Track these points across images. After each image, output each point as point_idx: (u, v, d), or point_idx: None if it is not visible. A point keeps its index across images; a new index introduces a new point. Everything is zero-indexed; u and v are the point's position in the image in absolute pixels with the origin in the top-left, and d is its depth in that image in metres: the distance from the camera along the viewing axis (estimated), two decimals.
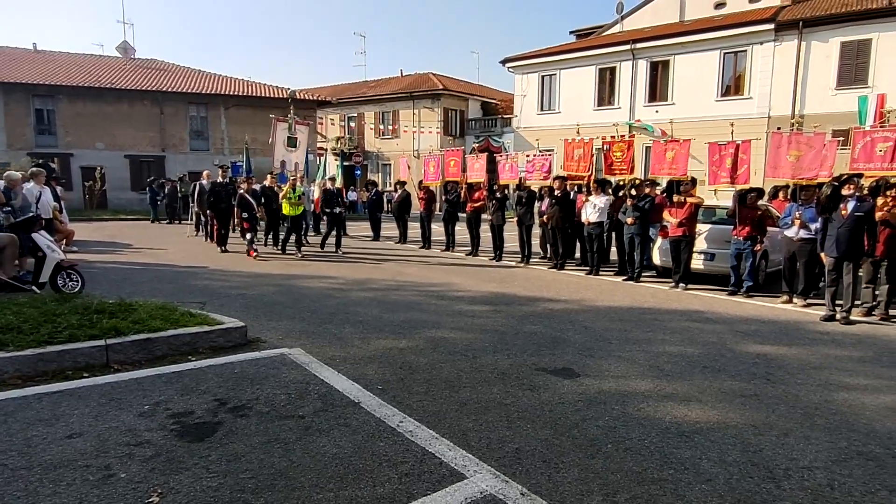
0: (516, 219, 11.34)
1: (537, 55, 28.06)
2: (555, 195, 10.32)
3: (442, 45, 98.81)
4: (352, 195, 25.00)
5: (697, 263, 8.86)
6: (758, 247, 8.00)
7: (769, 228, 8.28)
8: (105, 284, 7.54)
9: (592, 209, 9.68)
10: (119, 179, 24.67)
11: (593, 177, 10.98)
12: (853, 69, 19.98)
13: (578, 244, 10.99)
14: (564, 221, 10.32)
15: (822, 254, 6.83)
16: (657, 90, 24.50)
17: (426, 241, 13.59)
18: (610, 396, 3.97)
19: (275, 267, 9.93)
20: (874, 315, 6.89)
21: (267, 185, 12.44)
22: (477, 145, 29.31)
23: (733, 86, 22.77)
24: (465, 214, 12.54)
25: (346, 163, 29.99)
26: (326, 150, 29.15)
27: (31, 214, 7.19)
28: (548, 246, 11.27)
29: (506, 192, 12.16)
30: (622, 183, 10.44)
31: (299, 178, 12.42)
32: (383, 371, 4.41)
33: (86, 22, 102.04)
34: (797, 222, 7.35)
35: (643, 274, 9.35)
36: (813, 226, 7.17)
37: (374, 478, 2.77)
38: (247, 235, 11.18)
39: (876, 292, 7.02)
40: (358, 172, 31.80)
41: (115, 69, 26.91)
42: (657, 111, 24.02)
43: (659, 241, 9.34)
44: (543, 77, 27.82)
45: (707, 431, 3.42)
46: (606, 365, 4.70)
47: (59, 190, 11.35)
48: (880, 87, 18.01)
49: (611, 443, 3.23)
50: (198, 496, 2.56)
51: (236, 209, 11.47)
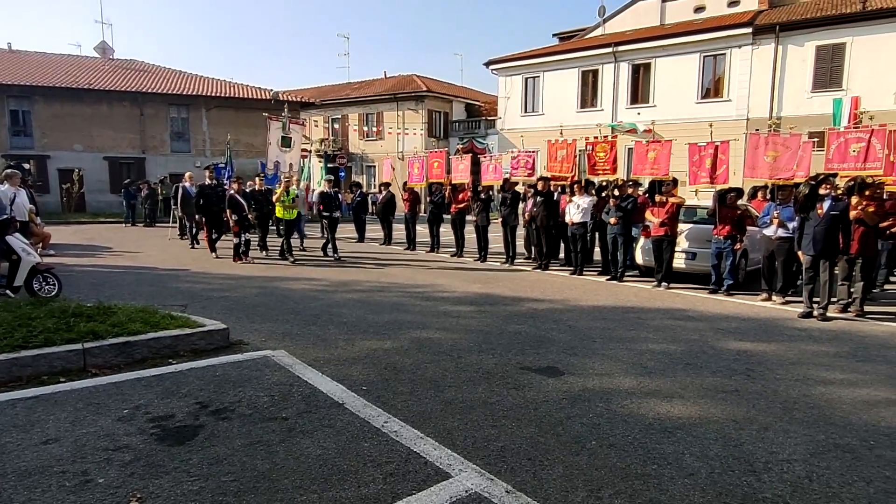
0: (501, 220, 11.37)
1: (521, 57, 28.23)
2: (538, 192, 10.38)
3: (426, 47, 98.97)
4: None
5: (679, 262, 8.98)
6: (737, 246, 8.13)
7: (748, 228, 8.42)
8: (83, 288, 7.39)
9: (576, 209, 9.75)
10: (98, 182, 24.22)
11: (577, 177, 11.06)
12: (828, 72, 20.44)
13: (563, 244, 11.07)
14: (548, 221, 10.39)
15: (800, 252, 6.96)
16: (639, 92, 24.80)
17: (411, 243, 13.56)
18: (594, 394, 4.00)
19: (258, 269, 9.83)
20: (850, 311, 7.04)
21: (256, 188, 11.90)
22: (461, 147, 29.37)
23: (713, 88, 23.14)
24: (450, 216, 12.54)
25: (331, 164, 29.86)
26: (310, 152, 28.97)
27: (6, 217, 7.01)
28: (532, 247, 11.33)
29: (490, 194, 12.20)
30: (605, 183, 10.54)
31: (293, 180, 11.95)
32: (368, 372, 4.39)
33: (62, 22, 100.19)
34: (775, 221, 7.49)
35: (626, 273, 9.44)
36: (791, 225, 7.30)
37: (359, 478, 2.75)
38: (234, 239, 10.64)
39: (851, 289, 7.18)
40: (342, 174, 31.65)
41: (94, 70, 26.44)
42: (639, 113, 24.30)
43: (641, 241, 9.44)
44: (527, 79, 27.99)
45: (689, 427, 3.46)
46: (590, 363, 4.74)
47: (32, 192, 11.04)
48: (854, 90, 18.46)
49: (595, 439, 3.26)
50: (178, 500, 2.52)
51: (227, 211, 10.78)
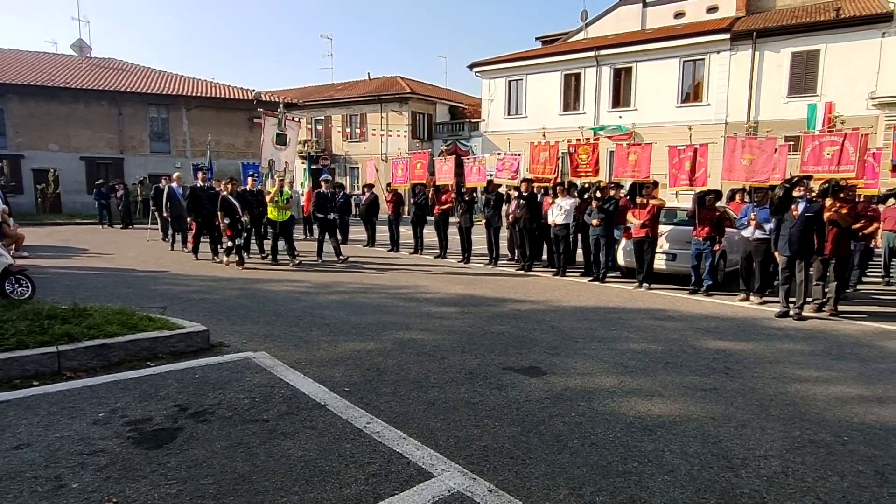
0: (484, 221, 11.41)
1: (504, 60, 28.38)
2: (521, 194, 10.44)
3: (409, 49, 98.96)
4: None
5: (660, 264, 9.10)
6: (716, 247, 8.26)
7: (727, 229, 8.57)
8: (58, 290, 7.23)
9: (559, 211, 9.82)
10: (74, 182, 23.68)
11: (559, 179, 11.15)
12: (803, 78, 20.93)
13: (545, 246, 11.14)
14: (531, 223, 10.45)
15: (776, 253, 7.11)
16: (620, 96, 25.10)
17: (394, 244, 13.53)
18: (576, 393, 4.03)
19: (239, 271, 9.70)
20: (824, 311, 7.20)
21: (248, 188, 11.16)
22: (445, 149, 29.41)
23: (692, 93, 23.54)
24: (434, 217, 12.54)
25: (314, 166, 29.62)
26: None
27: None
28: (515, 248, 11.38)
29: (474, 195, 12.23)
30: (587, 185, 10.64)
31: (287, 181, 11.43)
32: (350, 373, 4.36)
33: (37, 18, 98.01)
34: (753, 223, 7.63)
35: (608, 275, 9.54)
36: (767, 226, 7.45)
37: (341, 479, 2.73)
38: (227, 243, 10.10)
39: (825, 289, 7.34)
40: (325, 176, 31.41)
41: (70, 68, 25.89)
42: (620, 116, 24.61)
43: (623, 243, 9.55)
44: (510, 82, 28.15)
45: (669, 425, 3.51)
46: (573, 363, 4.77)
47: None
48: (828, 96, 18.94)
49: (577, 438, 3.28)
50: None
51: (220, 214, 10.18)
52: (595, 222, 9.18)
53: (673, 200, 10.29)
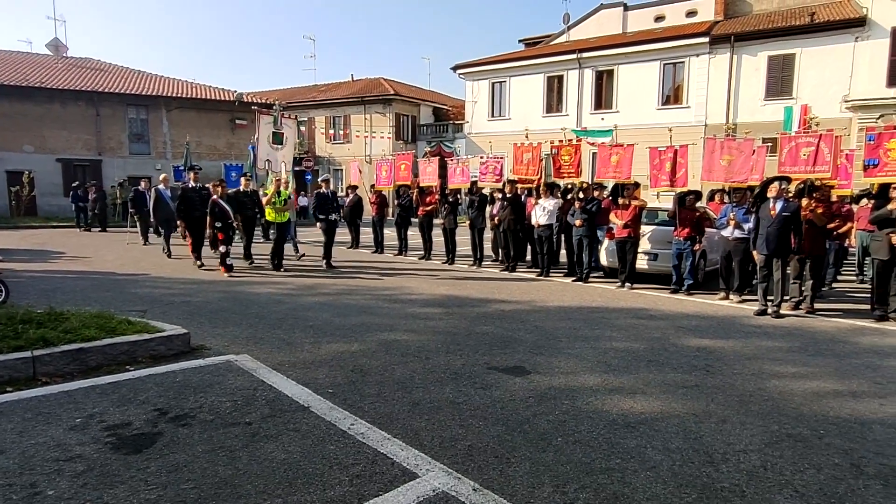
0: (468, 222, 11.43)
1: (488, 62, 28.48)
2: (505, 196, 10.49)
3: (393, 51, 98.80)
4: (303, 200, 24.54)
5: (642, 263, 9.20)
6: (697, 246, 8.39)
7: (707, 229, 8.70)
8: (33, 294, 7.06)
9: (542, 212, 9.89)
10: (50, 184, 23.16)
11: (542, 180, 11.21)
12: (779, 81, 21.36)
13: (529, 247, 11.20)
14: (515, 224, 10.50)
15: (755, 251, 7.24)
16: (602, 98, 25.36)
17: (378, 246, 13.48)
18: (560, 392, 4.05)
19: (222, 273, 9.55)
20: (801, 309, 7.36)
21: (241, 190, 10.66)
22: (429, 150, 29.41)
23: (673, 95, 23.87)
24: (418, 218, 12.53)
25: (297, 168, 29.36)
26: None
27: None
28: (499, 249, 11.42)
29: (458, 197, 12.24)
30: (570, 186, 10.72)
31: (284, 181, 10.97)
32: (334, 375, 4.33)
33: (10, 17, 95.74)
34: (732, 222, 7.77)
35: (591, 275, 9.62)
36: (746, 226, 7.59)
37: (325, 481, 2.71)
38: (220, 248, 9.50)
39: (802, 287, 7.50)
40: (309, 177, 31.21)
41: (46, 68, 25.34)
42: (603, 118, 24.82)
43: (606, 243, 9.64)
44: (494, 84, 28.27)
45: (651, 421, 3.55)
46: (556, 362, 4.80)
47: None
48: (803, 99, 19.35)
49: (561, 436, 3.30)
50: None
51: (209, 218, 9.62)
52: (578, 223, 9.26)
53: (654, 201, 10.42)
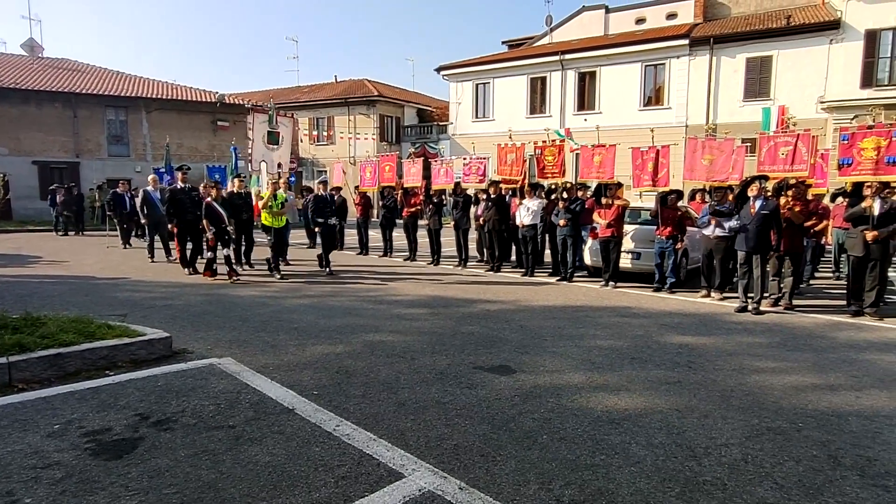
0: (453, 223, 11.44)
1: (471, 63, 28.56)
2: (490, 196, 10.53)
3: (376, 52, 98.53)
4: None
5: (625, 262, 9.30)
6: (679, 245, 8.50)
7: (688, 228, 8.82)
8: (9, 299, 6.91)
9: (526, 212, 9.93)
10: (26, 187, 22.65)
11: (526, 181, 11.27)
12: (757, 83, 21.77)
13: (514, 247, 11.24)
14: (500, 224, 10.54)
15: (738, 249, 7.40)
16: (585, 99, 25.60)
17: (363, 248, 13.44)
18: (545, 390, 4.08)
19: (204, 277, 9.42)
20: (780, 305, 7.50)
21: (235, 192, 10.33)
22: (414, 151, 29.38)
23: (654, 96, 24.18)
24: (402, 220, 12.50)
25: (279, 169, 29.13)
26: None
27: None
28: (484, 249, 11.45)
29: (442, 198, 12.25)
30: (554, 186, 10.79)
31: (282, 183, 10.55)
32: (319, 376, 4.30)
33: None
34: (713, 221, 7.89)
35: (575, 274, 9.69)
36: (727, 224, 7.71)
37: (310, 483, 2.69)
38: (206, 253, 9.17)
39: (781, 285, 7.64)
40: (292, 179, 30.96)
41: (21, 68, 24.80)
42: (586, 119, 25.04)
43: (589, 242, 9.72)
44: (478, 85, 28.36)
45: (635, 417, 3.59)
46: (541, 361, 4.83)
47: None
48: (781, 100, 19.75)
49: (546, 434, 3.32)
50: None
51: (205, 221, 9.11)
52: (562, 223, 9.33)
53: (637, 200, 10.54)
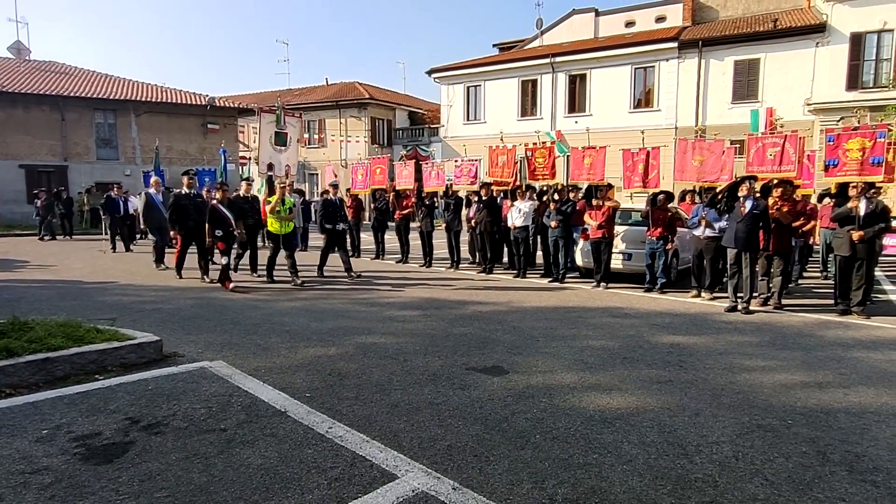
0: (445, 225, 11.46)
1: (462, 66, 28.64)
2: (481, 198, 10.56)
3: (367, 55, 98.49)
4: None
5: (616, 263, 9.35)
6: (669, 246, 8.56)
7: (679, 229, 8.90)
8: None
9: (518, 214, 9.97)
10: (13, 192, 22.38)
11: (518, 182, 11.32)
12: (745, 85, 22.01)
13: (506, 248, 11.27)
14: (492, 226, 10.57)
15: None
16: (576, 102, 25.74)
17: (355, 250, 13.39)
18: (537, 390, 4.09)
19: (194, 280, 9.35)
20: (769, 305, 7.58)
21: (241, 195, 10.04)
22: (405, 154, 29.39)
23: (644, 99, 24.37)
24: (394, 222, 12.49)
25: (270, 172, 29.00)
26: (250, 160, 28.07)
27: None
28: (476, 251, 11.47)
29: (434, 200, 12.26)
30: (545, 188, 10.84)
31: (289, 187, 10.25)
32: (311, 379, 4.29)
33: None
34: (703, 222, 7.96)
35: (567, 275, 9.73)
36: (717, 225, 7.79)
37: (303, 485, 2.68)
38: (222, 259, 8.66)
39: (770, 284, 7.72)
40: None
41: (7, 71, 24.52)
42: (576, 121, 25.18)
43: (581, 244, 9.77)
44: (469, 88, 28.44)
45: (627, 417, 3.61)
46: (534, 361, 4.84)
47: None
48: (769, 102, 19.98)
49: (539, 433, 3.33)
50: None
51: (208, 226, 8.75)
52: (554, 224, 9.36)
53: (627, 202, 10.60)
